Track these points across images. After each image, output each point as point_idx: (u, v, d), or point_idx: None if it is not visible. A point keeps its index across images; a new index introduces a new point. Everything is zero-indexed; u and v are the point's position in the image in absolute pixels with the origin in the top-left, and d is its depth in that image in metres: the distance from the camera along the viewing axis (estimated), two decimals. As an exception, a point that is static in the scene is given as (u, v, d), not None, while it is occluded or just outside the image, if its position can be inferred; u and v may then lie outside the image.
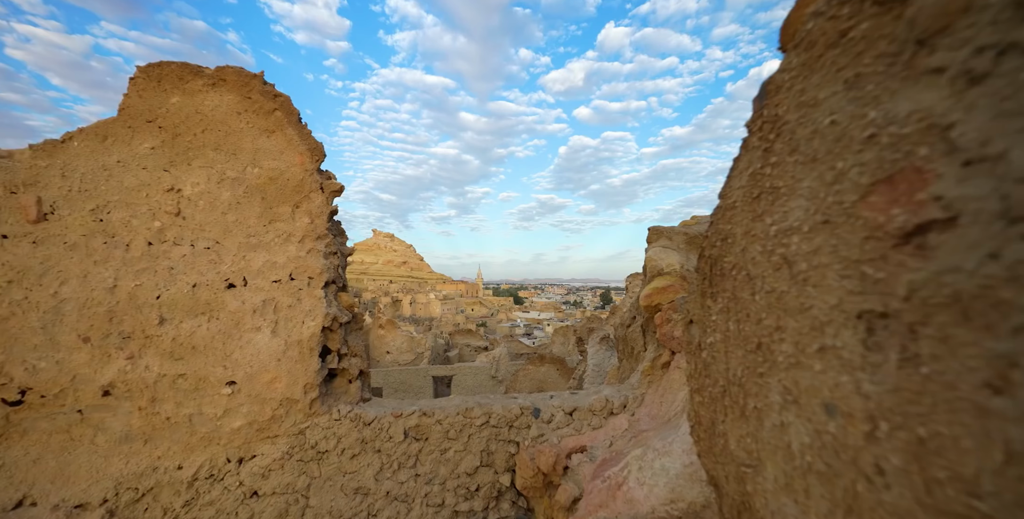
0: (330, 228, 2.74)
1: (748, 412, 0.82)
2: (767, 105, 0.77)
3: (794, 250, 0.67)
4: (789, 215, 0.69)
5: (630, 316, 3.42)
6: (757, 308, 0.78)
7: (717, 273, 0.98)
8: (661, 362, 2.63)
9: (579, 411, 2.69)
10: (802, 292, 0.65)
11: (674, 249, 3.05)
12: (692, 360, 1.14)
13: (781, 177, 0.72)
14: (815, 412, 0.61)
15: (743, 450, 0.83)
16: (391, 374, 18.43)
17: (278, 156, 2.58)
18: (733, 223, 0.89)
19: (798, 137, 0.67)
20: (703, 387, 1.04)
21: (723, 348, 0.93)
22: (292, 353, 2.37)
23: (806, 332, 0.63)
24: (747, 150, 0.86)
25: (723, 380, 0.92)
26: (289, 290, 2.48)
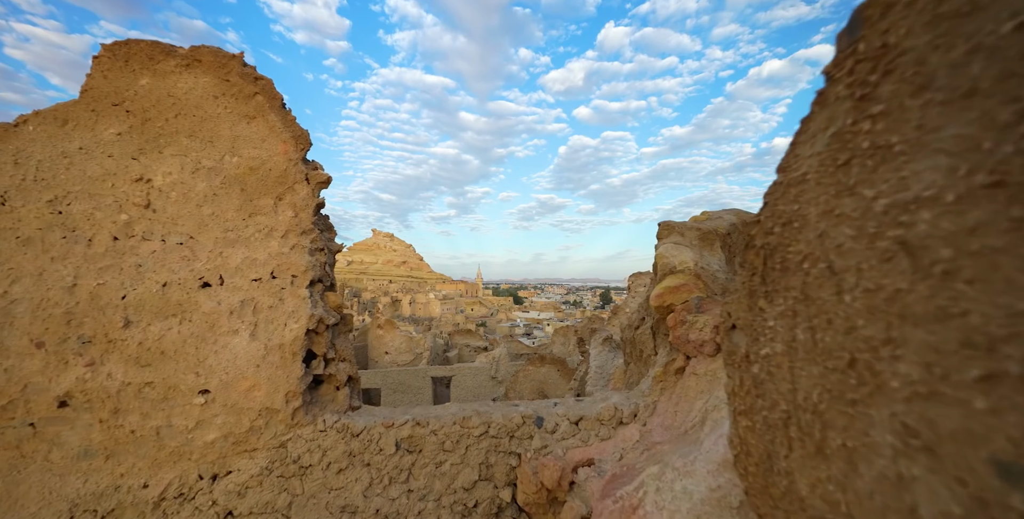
0: (316, 222, 2.54)
1: (830, 451, 0.62)
2: (865, 36, 0.57)
3: (923, 231, 0.46)
4: (911, 182, 0.48)
5: (638, 317, 3.21)
6: (847, 312, 0.58)
7: (775, 267, 0.77)
8: (674, 367, 2.43)
9: (586, 420, 2.49)
10: (941, 291, 0.45)
11: (687, 246, 2.85)
12: (736, 374, 0.93)
13: (895, 130, 0.51)
14: (974, 471, 0.41)
15: (822, 500, 0.63)
16: (390, 374, 18.21)
17: (259, 144, 2.37)
18: (802, 202, 0.69)
19: (932, 67, 0.46)
20: (753, 409, 0.84)
21: (786, 362, 0.72)
22: (273, 358, 2.17)
23: (953, 350, 0.43)
24: (825, 104, 0.65)
25: (785, 403, 0.72)
26: (270, 289, 2.28)
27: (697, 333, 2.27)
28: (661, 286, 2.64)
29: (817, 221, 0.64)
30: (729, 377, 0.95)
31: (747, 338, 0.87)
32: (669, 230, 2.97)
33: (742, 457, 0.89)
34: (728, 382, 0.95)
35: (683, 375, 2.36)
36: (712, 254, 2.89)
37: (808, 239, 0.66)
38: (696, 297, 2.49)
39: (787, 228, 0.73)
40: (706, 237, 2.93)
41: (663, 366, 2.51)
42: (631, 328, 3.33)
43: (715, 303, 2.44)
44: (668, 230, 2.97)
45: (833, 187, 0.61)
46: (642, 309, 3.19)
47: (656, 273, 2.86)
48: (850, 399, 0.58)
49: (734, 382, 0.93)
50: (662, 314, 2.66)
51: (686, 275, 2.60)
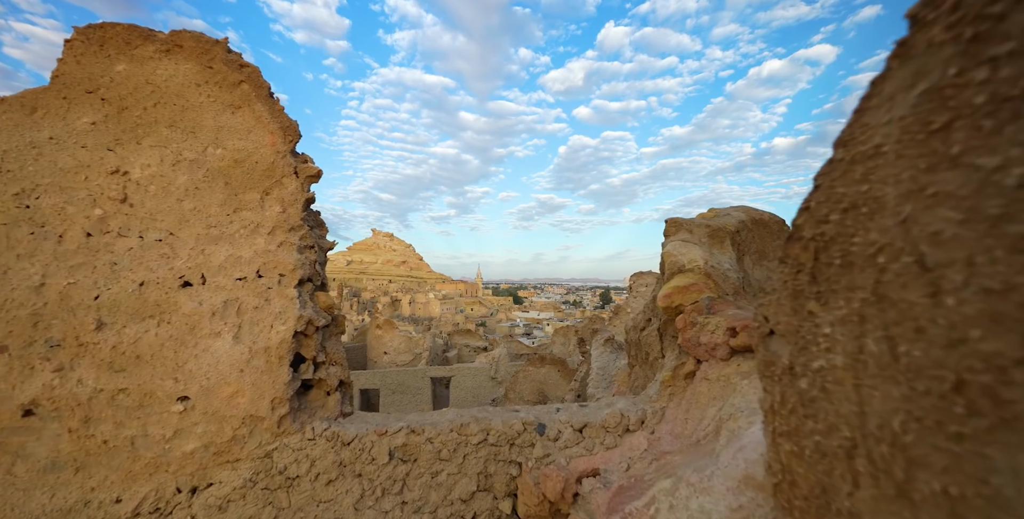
0: (305, 218, 2.41)
1: (920, 496, 0.48)
2: (977, -43, 0.43)
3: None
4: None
5: (644, 318, 3.08)
6: (951, 320, 0.44)
7: (831, 262, 0.64)
8: (684, 372, 2.30)
9: (590, 427, 2.36)
10: None
11: (695, 243, 2.72)
12: (775, 388, 0.80)
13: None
14: None
15: (908, 557, 0.50)
16: (389, 375, 18.09)
17: (245, 135, 2.24)
18: (874, 181, 0.56)
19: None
20: (800, 432, 0.70)
21: (849, 379, 0.59)
22: (258, 362, 2.04)
23: None
24: (911, 56, 0.52)
25: (849, 429, 0.59)
26: (256, 289, 2.14)
27: (709, 336, 2.14)
28: (669, 286, 2.51)
29: (898, 204, 0.51)
30: (766, 391, 0.82)
31: (791, 346, 0.74)
32: (677, 227, 2.84)
33: (785, 487, 0.75)
34: (765, 397, 0.82)
35: (693, 380, 2.23)
36: (722, 252, 2.76)
37: (884, 227, 0.53)
38: (707, 297, 2.36)
39: (850, 214, 0.59)
40: (716, 234, 2.79)
41: (672, 370, 2.38)
42: (636, 330, 3.20)
43: (727, 304, 2.31)
44: (676, 227, 2.84)
45: (924, 159, 0.48)
46: (648, 309, 3.06)
47: (663, 272, 2.73)
48: (954, 433, 0.44)
49: (773, 397, 0.79)
50: (670, 315, 2.53)
51: (695, 274, 2.47)
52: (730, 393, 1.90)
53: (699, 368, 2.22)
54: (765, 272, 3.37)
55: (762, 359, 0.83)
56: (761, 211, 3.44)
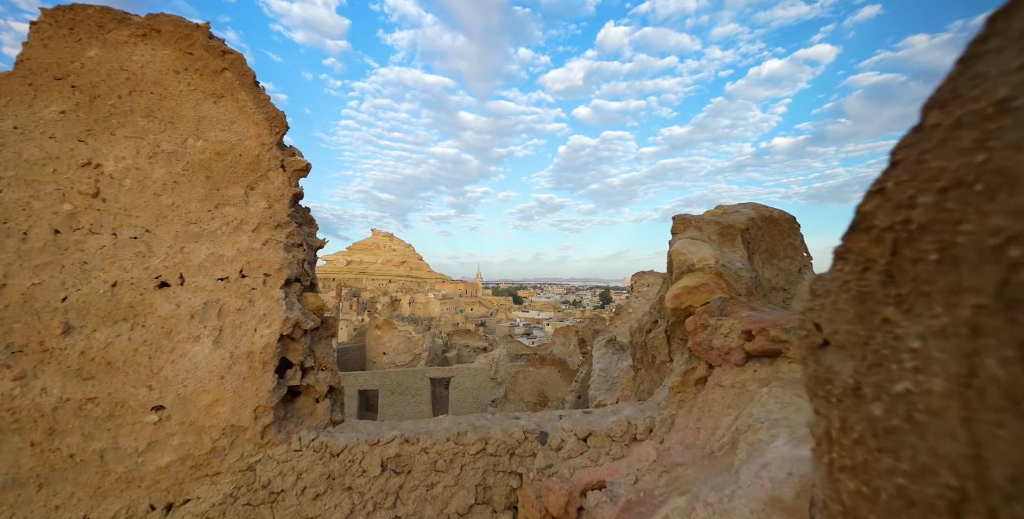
0: (293, 215, 2.27)
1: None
2: None
3: None
4: None
5: (650, 319, 2.95)
6: None
7: (920, 258, 0.50)
8: (694, 377, 2.16)
9: (595, 436, 2.22)
10: None
11: (705, 241, 2.58)
12: (832, 411, 0.66)
13: None
14: None
15: None
16: (387, 375, 17.95)
17: (228, 126, 2.11)
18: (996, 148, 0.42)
19: None
20: (872, 469, 0.57)
21: (955, 410, 0.45)
22: (240, 368, 1.90)
23: None
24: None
25: (955, 476, 0.45)
26: (238, 290, 2.01)
27: (722, 339, 2.00)
28: (678, 286, 2.38)
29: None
30: (819, 414, 0.68)
31: (855, 362, 0.60)
32: (685, 224, 2.70)
33: (847, 532, 0.62)
34: (817, 421, 0.68)
35: (705, 386, 2.10)
36: (733, 250, 2.62)
37: (1018, 208, 0.39)
38: (718, 298, 2.22)
39: (953, 195, 0.45)
40: (726, 232, 2.66)
41: (681, 375, 2.24)
42: (641, 332, 3.06)
43: (740, 305, 2.17)
44: (684, 224, 2.70)
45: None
46: (654, 310, 2.92)
47: (671, 272, 2.59)
48: None
49: (829, 422, 0.66)
50: (679, 317, 2.39)
51: (706, 273, 2.33)
52: (746, 401, 1.76)
53: (711, 373, 2.09)
54: (775, 271, 3.24)
55: (813, 374, 0.69)
56: (771, 208, 3.31)
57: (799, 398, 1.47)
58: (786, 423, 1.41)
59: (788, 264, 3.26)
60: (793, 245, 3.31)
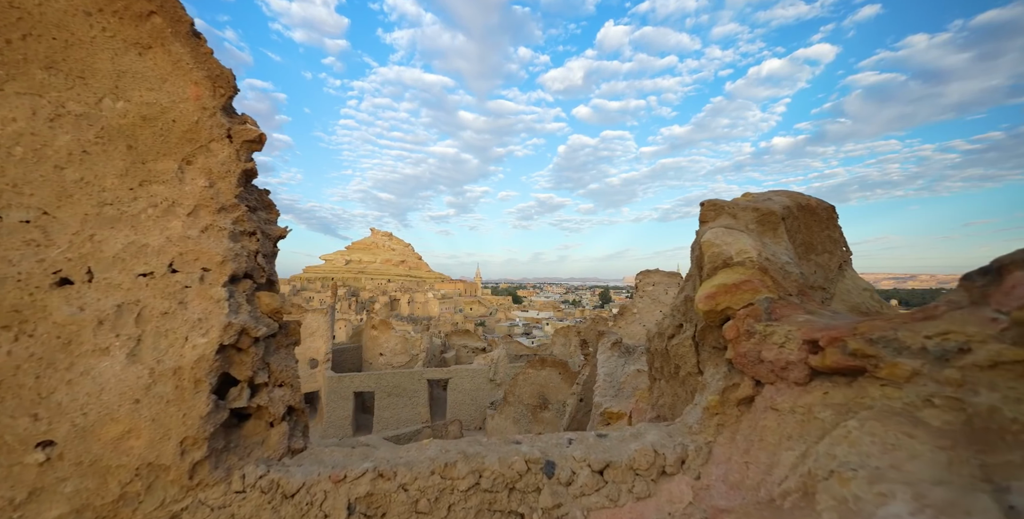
0: (243, 196, 1.86)
1: None
2: None
3: None
4: None
5: (672, 323, 2.53)
6: None
7: None
8: (737, 396, 1.75)
9: (614, 468, 1.80)
10: None
11: (742, 230, 2.17)
12: None
13: None
14: None
15: None
16: (384, 377, 17.52)
17: (157, 85, 1.69)
18: None
19: None
20: None
21: None
22: (163, 389, 1.48)
23: None
24: None
25: None
26: (166, 288, 1.59)
27: (775, 350, 1.60)
28: (712, 284, 1.96)
29: None
30: None
31: None
32: (717, 211, 2.28)
33: None
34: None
35: (752, 408, 1.69)
36: (776, 241, 2.21)
37: None
38: (765, 298, 1.81)
39: None
40: (766, 220, 2.24)
41: (719, 393, 1.82)
42: (662, 337, 2.65)
43: (792, 307, 1.76)
44: (716, 211, 2.29)
45: None
46: (677, 313, 2.51)
47: (700, 267, 2.18)
48: None
49: None
50: (713, 321, 1.98)
51: (747, 269, 1.92)
52: (816, 433, 1.36)
53: (759, 392, 1.68)
54: (813, 267, 2.82)
55: None
56: (807, 196, 2.89)
57: (911, 439, 1.06)
58: (900, 477, 1.01)
59: (827, 259, 2.86)
60: (832, 238, 2.90)
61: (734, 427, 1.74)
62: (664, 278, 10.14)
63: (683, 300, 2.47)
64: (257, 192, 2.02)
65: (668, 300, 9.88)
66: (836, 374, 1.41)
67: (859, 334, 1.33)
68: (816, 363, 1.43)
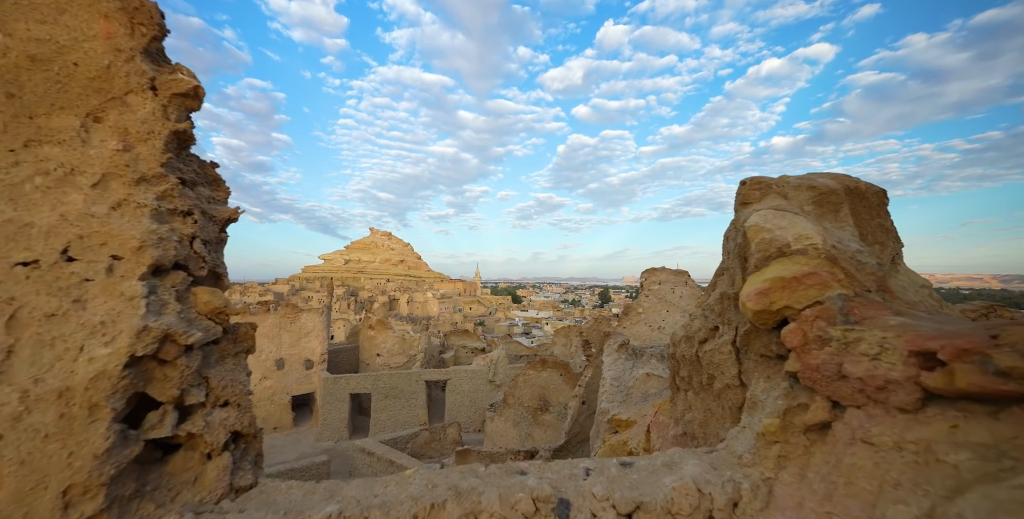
0: (175, 166, 1.46)
1: None
2: None
3: None
4: None
5: (705, 326, 2.13)
6: None
7: None
8: (807, 421, 1.35)
9: (645, 512, 1.41)
10: None
11: (797, 213, 1.78)
12: None
13: None
14: None
15: None
16: (381, 378, 17.09)
17: (52, 17, 1.29)
18: None
19: None
20: None
21: None
22: (39, 419, 1.09)
23: None
24: None
25: None
26: (56, 282, 1.20)
27: (865, 363, 1.21)
28: (764, 278, 1.57)
29: None
30: None
31: None
32: (763, 190, 1.89)
33: None
34: None
35: (829, 437, 1.30)
36: (839, 226, 1.82)
37: None
38: (838, 295, 1.42)
39: None
40: (826, 200, 1.85)
41: (778, 415, 1.43)
42: (690, 342, 2.26)
43: (875, 307, 1.38)
44: (761, 190, 1.90)
45: None
46: (711, 313, 2.12)
47: (744, 257, 1.79)
48: None
49: None
50: (764, 323, 1.59)
51: (811, 258, 1.52)
52: (945, 482, 0.96)
53: (839, 417, 1.29)
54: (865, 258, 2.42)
55: None
56: (854, 178, 2.49)
57: None
58: None
59: (879, 251, 2.47)
60: (884, 227, 2.52)
61: (802, 461, 1.35)
62: (671, 276, 9.75)
63: (718, 298, 2.08)
64: (198, 163, 1.62)
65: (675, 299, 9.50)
66: (968, 400, 1.02)
67: (1007, 345, 0.95)
68: (937, 384, 1.04)
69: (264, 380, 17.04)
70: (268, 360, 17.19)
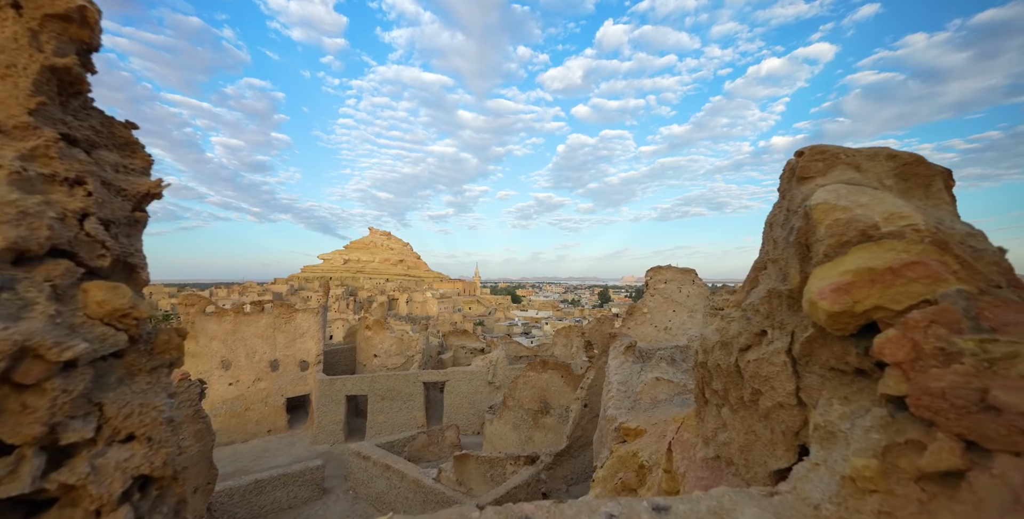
0: (56, 117, 1.07)
1: None
2: None
3: None
4: None
5: (749, 330, 1.75)
6: None
7: None
8: (925, 467, 0.97)
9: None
10: None
11: (878, 188, 1.40)
12: None
13: None
14: None
15: None
16: (377, 380, 16.67)
17: None
18: None
19: None
20: None
21: None
22: None
23: None
24: None
25: None
26: None
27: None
28: (845, 269, 1.19)
29: None
30: None
31: None
32: (829, 161, 1.51)
33: None
34: None
35: (965, 491, 0.92)
36: (932, 204, 1.44)
37: None
38: (956, 291, 1.04)
39: None
40: (911, 172, 1.47)
41: (876, 454, 1.05)
42: (726, 349, 1.87)
43: (1016, 308, 1.00)
44: (826, 161, 1.51)
45: None
46: (755, 314, 1.73)
47: (806, 244, 1.41)
48: None
49: None
50: (841, 329, 1.21)
51: (912, 243, 1.14)
52: None
53: (983, 466, 0.91)
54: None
55: None
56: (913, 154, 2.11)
57: None
58: None
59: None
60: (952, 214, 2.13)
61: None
62: (677, 274, 9.34)
63: (764, 296, 1.69)
64: (101, 119, 1.24)
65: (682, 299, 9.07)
66: None
67: None
68: None
69: (258, 382, 16.63)
70: (262, 361, 16.77)
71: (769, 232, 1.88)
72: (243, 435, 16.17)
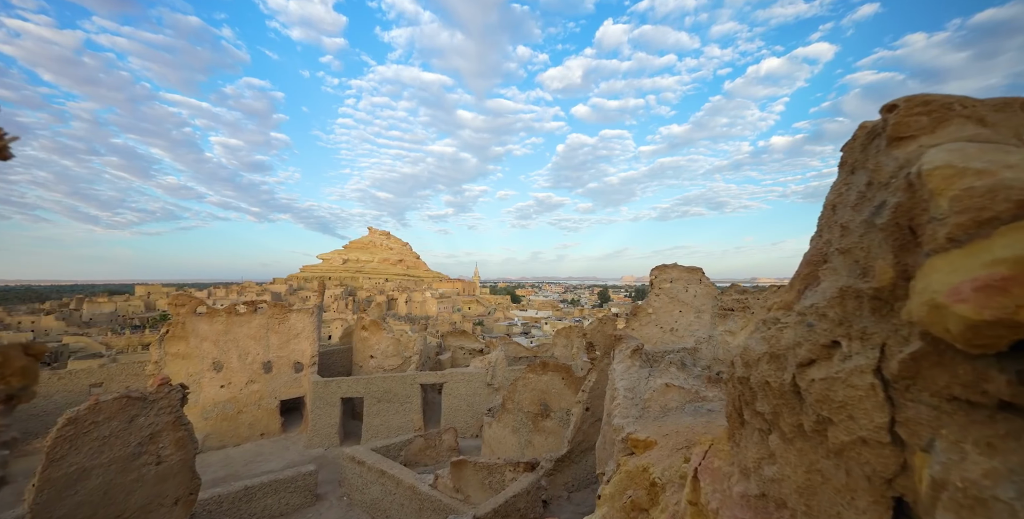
0: None
1: None
2: None
3: None
4: None
5: (811, 340, 1.35)
6: None
7: None
8: None
9: None
10: None
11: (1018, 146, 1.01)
12: None
13: None
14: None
15: None
16: (374, 382, 16.26)
17: None
18: None
19: None
20: None
21: None
22: None
23: None
24: None
25: None
26: None
27: None
28: (992, 258, 0.79)
29: None
30: None
31: None
32: (939, 114, 1.09)
33: None
34: None
35: None
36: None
37: None
38: None
39: None
40: (1057, 123, 1.08)
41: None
42: (779, 362, 1.48)
43: None
44: (937, 114, 1.10)
45: None
46: (820, 319, 1.33)
47: (907, 227, 1.02)
48: None
49: None
50: (983, 344, 0.82)
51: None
52: None
53: None
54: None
55: None
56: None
57: None
58: None
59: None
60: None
61: None
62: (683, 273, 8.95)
63: (835, 296, 1.30)
64: None
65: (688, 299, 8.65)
66: None
67: None
68: None
69: (251, 384, 16.23)
70: (255, 363, 16.38)
71: (832, 216, 1.49)
72: (235, 439, 15.77)
